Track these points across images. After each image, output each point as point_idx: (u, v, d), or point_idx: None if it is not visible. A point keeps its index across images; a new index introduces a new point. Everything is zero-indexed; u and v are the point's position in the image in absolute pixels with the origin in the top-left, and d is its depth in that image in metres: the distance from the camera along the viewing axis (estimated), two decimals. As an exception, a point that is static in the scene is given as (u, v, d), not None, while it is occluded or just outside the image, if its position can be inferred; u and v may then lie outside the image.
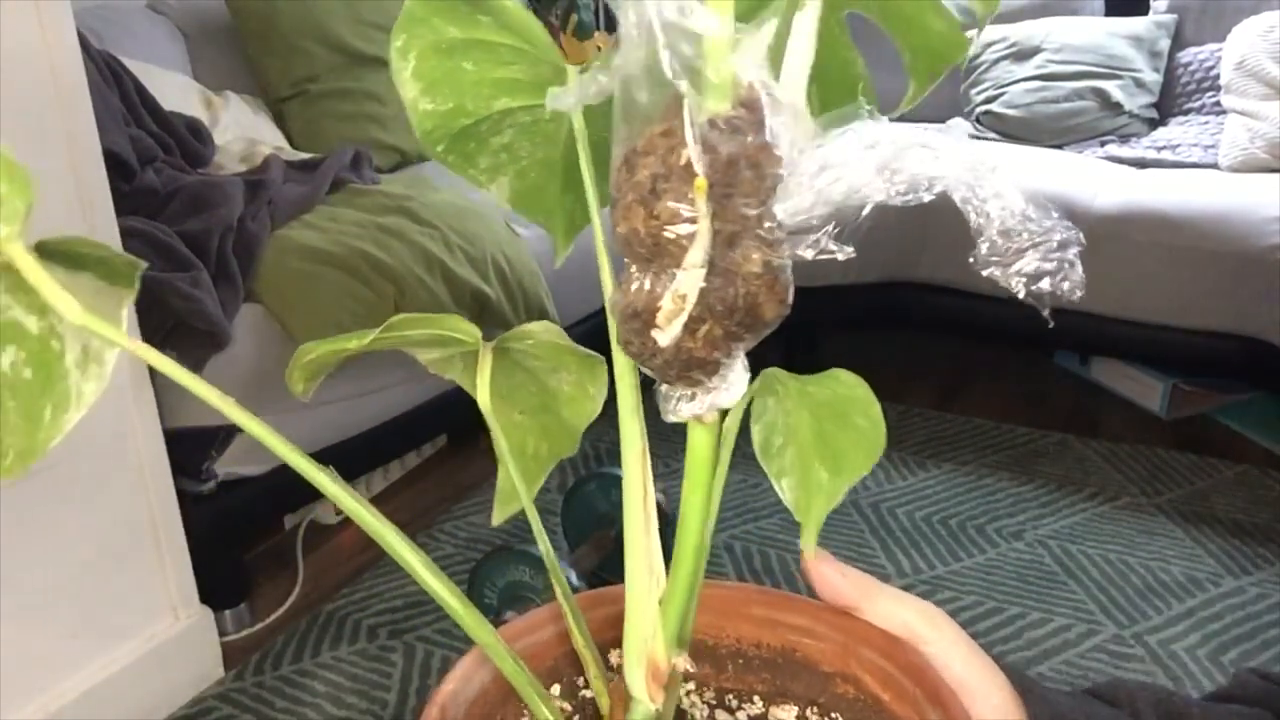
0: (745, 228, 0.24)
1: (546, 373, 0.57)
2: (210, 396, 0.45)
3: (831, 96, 0.47)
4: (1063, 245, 0.42)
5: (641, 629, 0.42)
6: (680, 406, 0.31)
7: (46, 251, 0.46)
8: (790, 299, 0.28)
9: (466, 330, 0.55)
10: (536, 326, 0.56)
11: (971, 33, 0.52)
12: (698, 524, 0.38)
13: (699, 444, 0.36)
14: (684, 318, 0.25)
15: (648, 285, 0.26)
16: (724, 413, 0.41)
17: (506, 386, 0.57)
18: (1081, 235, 0.46)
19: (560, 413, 0.57)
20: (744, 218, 0.24)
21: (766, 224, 0.25)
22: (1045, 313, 0.45)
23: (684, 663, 0.40)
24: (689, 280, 0.24)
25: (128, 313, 0.47)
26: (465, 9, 0.46)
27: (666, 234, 0.24)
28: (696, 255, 0.23)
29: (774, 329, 0.30)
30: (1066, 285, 0.43)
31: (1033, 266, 0.39)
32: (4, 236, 0.41)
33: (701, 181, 0.23)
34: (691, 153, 0.22)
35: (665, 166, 0.24)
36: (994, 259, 0.39)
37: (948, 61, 0.47)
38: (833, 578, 0.45)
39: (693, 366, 0.28)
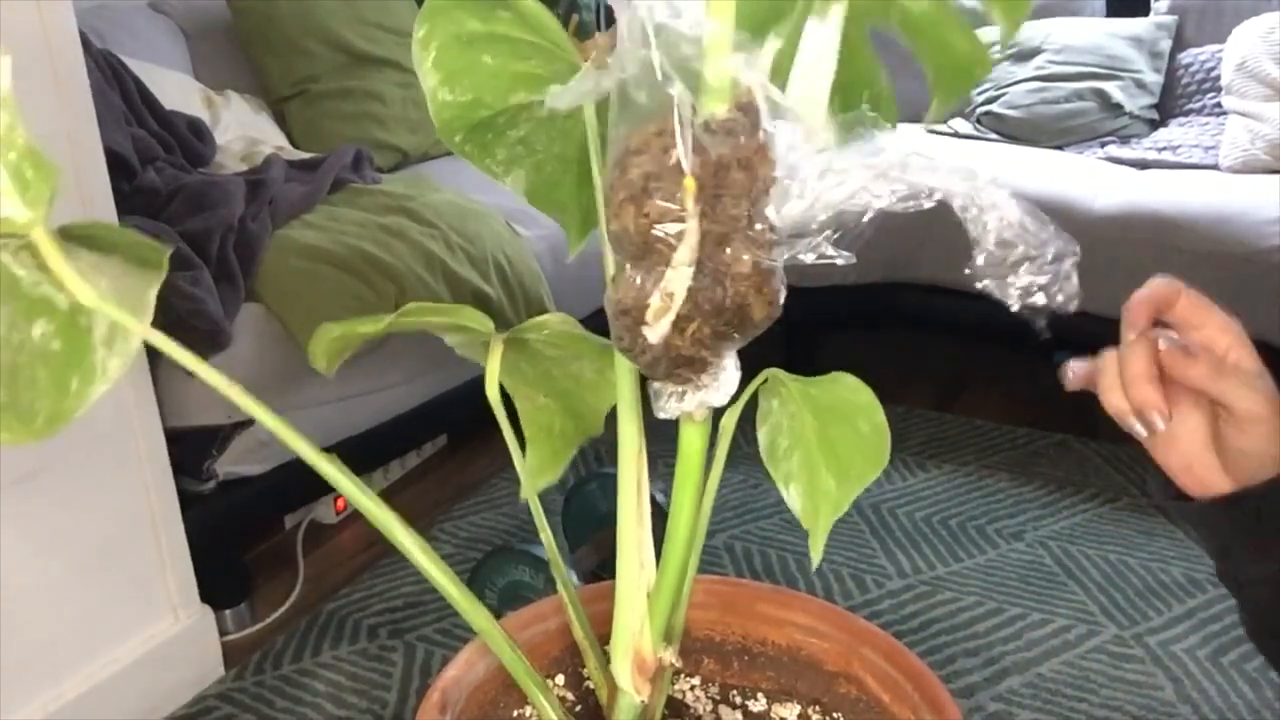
0: (735, 229, 0.24)
1: (568, 360, 0.58)
2: (218, 382, 0.46)
3: (854, 108, 0.47)
4: (1058, 257, 0.42)
5: (630, 622, 0.42)
6: (671, 404, 0.31)
7: (72, 236, 0.46)
8: (780, 301, 0.28)
9: (479, 321, 0.56)
10: (552, 317, 0.57)
11: (995, 48, 0.52)
12: (688, 519, 0.38)
13: (690, 441, 0.37)
14: (672, 316, 0.25)
15: (638, 283, 0.26)
16: (719, 411, 0.41)
17: (531, 373, 0.57)
18: (1078, 247, 0.46)
19: (584, 397, 0.58)
20: (734, 219, 0.24)
21: (758, 225, 0.25)
22: (1040, 325, 0.45)
23: (670, 656, 0.40)
24: (677, 279, 0.24)
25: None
26: (486, 3, 0.46)
27: (656, 232, 0.24)
28: (684, 254, 0.23)
29: (764, 329, 0.30)
30: (1061, 297, 0.43)
31: (1027, 280, 0.38)
32: (27, 221, 0.41)
33: (690, 181, 0.23)
34: (681, 153, 0.22)
35: (657, 166, 0.24)
36: (989, 271, 0.39)
37: (971, 80, 0.47)
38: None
39: (681, 364, 0.28)
